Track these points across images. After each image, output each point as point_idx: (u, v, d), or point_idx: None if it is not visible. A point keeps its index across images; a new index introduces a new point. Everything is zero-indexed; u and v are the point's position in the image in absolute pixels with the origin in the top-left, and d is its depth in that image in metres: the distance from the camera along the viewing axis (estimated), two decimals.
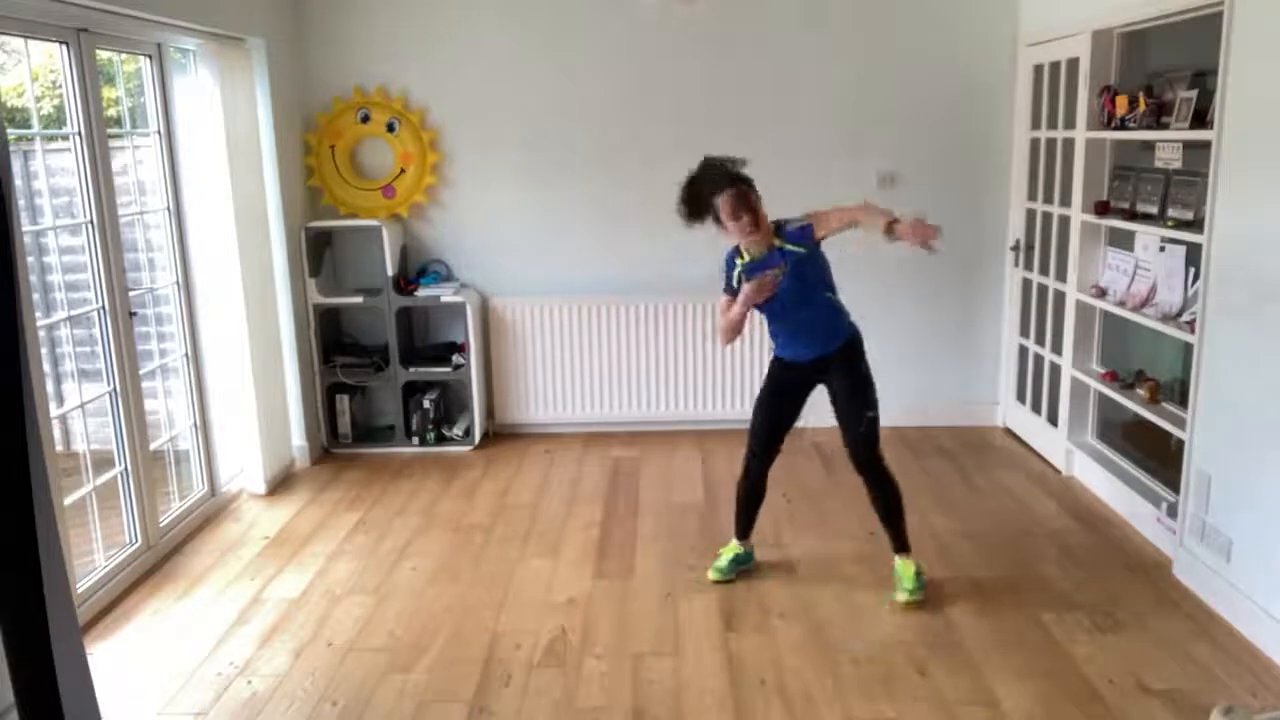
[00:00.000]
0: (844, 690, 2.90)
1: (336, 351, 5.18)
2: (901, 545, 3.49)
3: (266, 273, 4.72)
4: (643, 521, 4.19)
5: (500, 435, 5.38)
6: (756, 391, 5.27)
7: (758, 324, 5.15)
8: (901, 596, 3.41)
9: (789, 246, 3.34)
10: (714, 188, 3.31)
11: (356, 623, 3.38)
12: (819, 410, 5.35)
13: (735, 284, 3.42)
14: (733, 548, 3.68)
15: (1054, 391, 4.71)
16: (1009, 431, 5.27)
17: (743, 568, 3.68)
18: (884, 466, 3.47)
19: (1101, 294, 4.24)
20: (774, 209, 3.41)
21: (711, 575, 3.63)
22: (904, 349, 5.31)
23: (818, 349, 3.46)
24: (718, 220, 3.34)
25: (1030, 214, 4.93)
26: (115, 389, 3.73)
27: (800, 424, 5.61)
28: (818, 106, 5.07)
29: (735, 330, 3.46)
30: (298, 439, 4.98)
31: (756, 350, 5.23)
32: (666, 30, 4.99)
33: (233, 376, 4.50)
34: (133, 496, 3.81)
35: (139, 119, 4.09)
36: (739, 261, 3.44)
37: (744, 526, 3.69)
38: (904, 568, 3.45)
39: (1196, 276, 3.46)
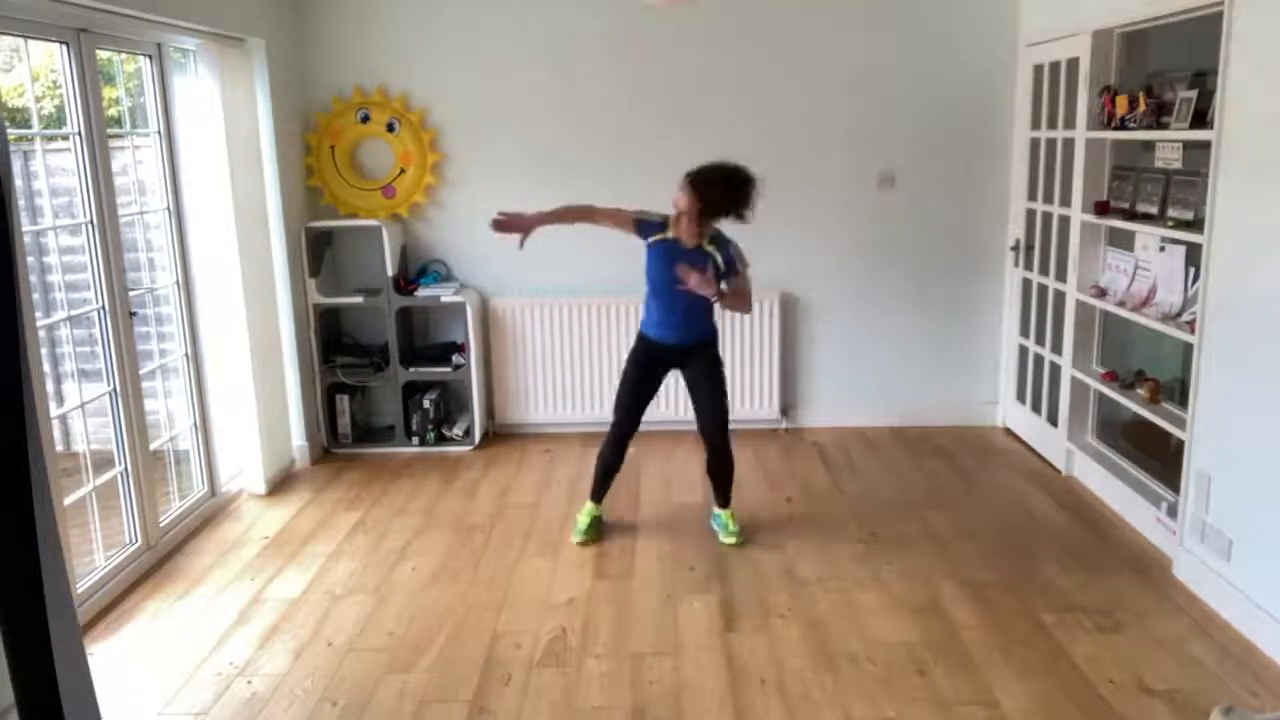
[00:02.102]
0: (844, 690, 2.91)
1: (336, 351, 5.18)
2: (726, 501, 4.00)
3: (266, 273, 4.72)
4: (643, 521, 4.19)
5: (500, 435, 5.38)
6: (757, 391, 5.37)
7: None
8: (729, 539, 3.91)
9: (708, 249, 3.67)
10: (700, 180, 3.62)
11: (356, 623, 3.38)
12: (819, 409, 5.39)
13: (647, 234, 3.77)
14: (591, 510, 4.02)
15: (1054, 391, 4.71)
16: (1009, 431, 5.27)
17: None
18: (729, 445, 3.92)
19: (1101, 294, 4.24)
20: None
21: (575, 538, 3.96)
22: (904, 349, 5.32)
23: (682, 337, 3.81)
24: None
25: (1030, 214, 4.93)
26: (115, 389, 3.73)
27: (800, 424, 5.62)
28: (817, 106, 5.07)
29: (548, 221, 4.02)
30: (298, 439, 4.98)
31: (757, 351, 5.24)
32: (666, 30, 4.99)
33: (233, 376, 4.50)
34: (133, 496, 3.81)
35: (139, 119, 4.09)
36: (665, 233, 3.74)
37: (603, 492, 4.04)
38: (728, 517, 3.97)
39: (1196, 276, 3.46)
